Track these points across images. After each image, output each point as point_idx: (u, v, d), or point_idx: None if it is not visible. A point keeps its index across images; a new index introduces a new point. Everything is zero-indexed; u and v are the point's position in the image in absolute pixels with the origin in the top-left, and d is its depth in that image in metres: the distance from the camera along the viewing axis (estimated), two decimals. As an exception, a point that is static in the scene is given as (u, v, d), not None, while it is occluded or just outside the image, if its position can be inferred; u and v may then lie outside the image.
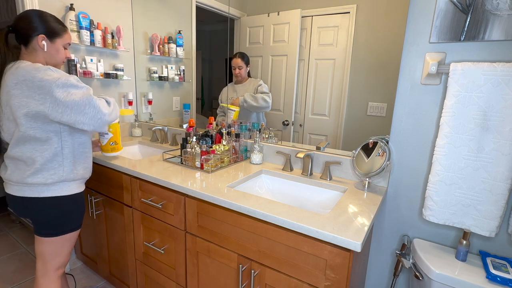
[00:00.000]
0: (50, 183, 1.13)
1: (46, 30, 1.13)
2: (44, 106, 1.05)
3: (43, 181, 1.12)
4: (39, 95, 1.04)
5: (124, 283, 1.63)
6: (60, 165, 1.15)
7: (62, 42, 1.19)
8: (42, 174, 1.12)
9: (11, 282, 1.79)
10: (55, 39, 1.16)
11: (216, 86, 1.95)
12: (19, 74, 1.05)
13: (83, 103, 1.08)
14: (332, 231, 0.85)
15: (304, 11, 1.43)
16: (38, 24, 1.12)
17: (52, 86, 1.04)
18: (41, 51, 1.14)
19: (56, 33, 1.16)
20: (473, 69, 0.95)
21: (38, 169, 1.11)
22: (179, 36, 2.00)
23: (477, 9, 0.97)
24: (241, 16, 1.65)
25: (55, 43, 1.16)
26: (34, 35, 1.12)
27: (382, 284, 1.34)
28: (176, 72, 2.09)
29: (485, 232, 0.99)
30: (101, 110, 1.12)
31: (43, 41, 1.13)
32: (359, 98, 1.32)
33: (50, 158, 1.12)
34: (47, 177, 1.12)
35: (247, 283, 1.08)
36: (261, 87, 1.67)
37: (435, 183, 1.05)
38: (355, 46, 1.30)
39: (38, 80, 1.04)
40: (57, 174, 1.14)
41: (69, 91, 1.07)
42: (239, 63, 1.71)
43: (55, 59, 1.19)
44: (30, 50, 1.13)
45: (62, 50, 1.20)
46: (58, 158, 1.14)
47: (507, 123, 0.92)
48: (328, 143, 1.44)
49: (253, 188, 1.36)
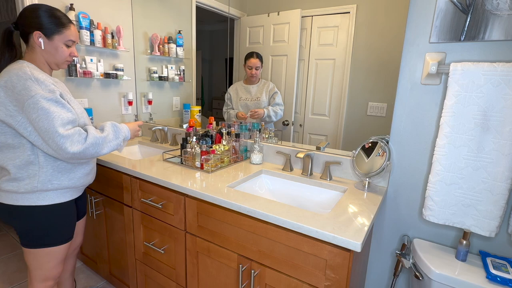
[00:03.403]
0: (23, 192, 1.04)
1: (41, 26, 1.03)
2: (13, 119, 0.97)
3: (15, 190, 1.03)
4: (13, 106, 0.96)
5: (124, 283, 1.63)
6: (35, 175, 1.04)
7: (62, 39, 1.08)
8: (16, 182, 1.03)
9: (11, 282, 1.79)
10: (53, 36, 1.06)
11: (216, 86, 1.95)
12: (4, 77, 0.98)
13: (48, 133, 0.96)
14: (332, 231, 0.85)
15: (304, 11, 1.43)
16: (33, 20, 1.03)
17: (26, 102, 0.95)
18: (39, 49, 1.06)
19: (52, 29, 1.05)
20: (473, 69, 0.95)
21: (11, 178, 1.03)
22: (179, 36, 2.00)
23: (477, 9, 0.97)
24: (241, 16, 1.65)
25: (53, 41, 1.06)
26: (30, 31, 1.03)
27: (382, 284, 1.34)
28: (176, 72, 2.09)
29: (485, 232, 0.99)
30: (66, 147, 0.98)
31: (40, 38, 1.04)
32: (359, 98, 1.32)
33: (23, 166, 1.03)
34: (20, 186, 1.03)
35: (247, 283, 1.08)
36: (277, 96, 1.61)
37: (435, 183, 1.05)
38: (355, 46, 1.30)
39: (17, 91, 0.95)
40: (31, 184, 1.04)
41: (39, 114, 0.95)
42: (257, 63, 1.66)
43: (55, 58, 1.09)
44: (30, 48, 1.06)
45: (62, 48, 1.09)
46: (33, 167, 1.04)
47: (507, 123, 0.92)
48: (328, 143, 1.44)
49: (253, 188, 1.36)
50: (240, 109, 1.77)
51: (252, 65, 1.67)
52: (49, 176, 1.06)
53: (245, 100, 1.75)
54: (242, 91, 1.76)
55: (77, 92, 1.80)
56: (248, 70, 1.69)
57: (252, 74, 1.68)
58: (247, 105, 1.75)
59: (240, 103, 1.77)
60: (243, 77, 1.75)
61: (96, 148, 1.07)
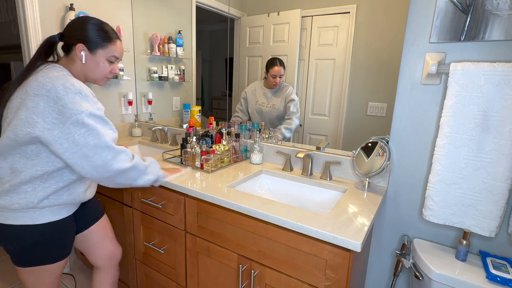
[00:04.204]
0: (16, 209, 0.93)
1: (86, 39, 0.98)
2: (50, 134, 0.88)
3: (7, 205, 0.92)
4: (53, 119, 0.88)
5: (124, 283, 1.63)
6: (34, 189, 0.94)
7: (105, 54, 1.02)
8: (9, 196, 0.92)
9: (11, 282, 1.79)
10: (96, 50, 1.00)
11: (216, 86, 1.95)
12: (46, 86, 0.88)
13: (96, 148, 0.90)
14: (332, 231, 0.85)
15: (304, 11, 1.43)
16: (79, 32, 0.98)
17: (74, 117, 0.88)
18: (80, 63, 1.00)
19: (97, 43, 0.99)
20: (473, 69, 0.95)
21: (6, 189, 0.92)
22: (179, 36, 2.00)
23: (477, 9, 0.97)
24: (241, 16, 1.65)
25: (95, 55, 1.00)
26: (72, 43, 0.98)
27: (382, 284, 1.34)
28: (176, 72, 2.09)
29: (485, 232, 0.99)
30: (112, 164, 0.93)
31: (82, 51, 0.98)
32: (359, 98, 1.32)
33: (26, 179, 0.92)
34: (13, 201, 0.92)
35: (247, 283, 1.08)
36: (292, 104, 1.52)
37: (435, 183, 1.05)
38: (355, 46, 1.30)
39: (63, 103, 0.88)
40: (26, 199, 0.93)
41: (89, 129, 0.89)
42: (281, 71, 1.55)
43: (94, 74, 1.03)
44: (69, 59, 1.00)
45: (104, 64, 1.02)
46: (34, 181, 0.94)
47: (507, 123, 0.92)
48: (328, 143, 1.44)
49: (253, 188, 1.36)
50: (255, 113, 1.69)
51: (276, 73, 1.57)
52: (48, 192, 0.96)
53: (261, 105, 1.66)
54: (260, 94, 1.65)
55: (77, 92, 1.80)
56: (272, 79, 1.59)
57: (276, 83, 1.59)
58: (261, 110, 1.67)
59: (255, 107, 1.68)
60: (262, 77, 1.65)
61: (135, 173, 1.01)
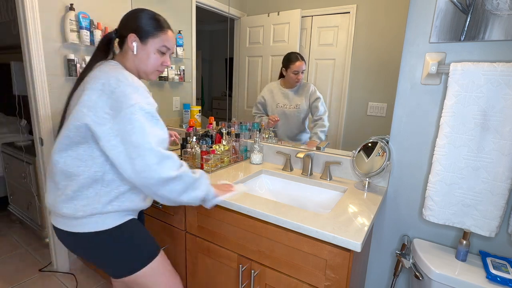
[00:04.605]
0: (81, 216, 0.88)
1: (137, 28, 0.93)
2: (101, 128, 0.82)
3: (72, 213, 0.87)
4: (105, 114, 0.83)
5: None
6: (96, 194, 0.88)
7: (156, 44, 0.95)
8: (73, 203, 0.88)
9: (11, 282, 1.79)
10: (147, 40, 0.94)
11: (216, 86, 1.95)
12: (100, 79, 0.85)
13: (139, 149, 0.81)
14: (332, 231, 0.85)
15: (304, 11, 1.43)
16: (131, 22, 0.94)
17: (124, 111, 0.81)
18: (131, 54, 0.94)
19: (148, 31, 0.93)
20: (473, 69, 0.95)
21: (70, 196, 0.88)
22: (179, 36, 2.00)
23: (477, 9, 0.97)
24: (241, 16, 1.65)
25: (146, 45, 0.94)
26: (124, 35, 0.94)
27: (382, 284, 1.34)
28: (176, 72, 2.08)
29: (485, 232, 0.99)
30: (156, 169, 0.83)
31: (134, 41, 0.93)
32: (359, 98, 1.32)
33: (85, 184, 0.87)
34: (77, 207, 0.87)
35: (247, 283, 1.08)
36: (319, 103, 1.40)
37: (435, 183, 1.05)
38: (355, 46, 1.30)
39: (115, 97, 0.83)
40: (90, 205, 0.88)
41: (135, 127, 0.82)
42: (303, 66, 1.44)
43: (146, 66, 0.96)
44: (123, 53, 0.97)
45: (155, 55, 0.96)
46: (95, 186, 0.88)
47: (507, 123, 0.92)
48: (328, 143, 1.44)
49: (253, 188, 1.36)
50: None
51: (298, 69, 1.45)
52: (111, 196, 0.90)
53: (283, 107, 1.53)
54: (279, 95, 1.52)
55: (77, 92, 1.80)
56: (294, 75, 1.46)
57: (299, 79, 1.47)
58: (284, 113, 1.55)
59: (277, 111, 1.56)
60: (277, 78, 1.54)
61: (181, 186, 0.88)
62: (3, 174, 2.51)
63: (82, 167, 0.87)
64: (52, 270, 1.89)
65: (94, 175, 0.87)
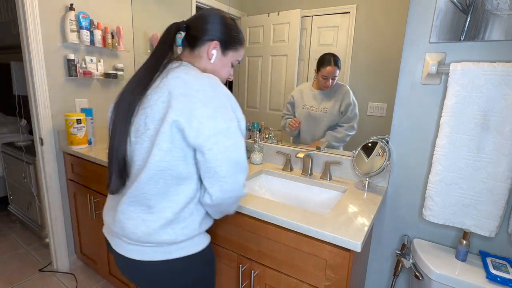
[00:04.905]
0: (181, 241, 0.80)
1: (223, 37, 0.86)
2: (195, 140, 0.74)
3: (173, 239, 0.78)
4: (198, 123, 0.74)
5: (124, 283, 1.63)
6: (191, 214, 0.81)
7: (234, 57, 0.91)
8: (171, 227, 0.78)
9: (11, 282, 1.79)
10: (228, 51, 0.89)
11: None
12: (191, 84, 0.75)
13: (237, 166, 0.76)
14: (332, 231, 0.85)
15: (304, 11, 1.43)
16: (215, 27, 0.86)
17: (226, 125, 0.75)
18: (206, 62, 0.87)
19: (232, 44, 0.89)
20: (473, 69, 0.95)
21: (169, 220, 0.78)
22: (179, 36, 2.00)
23: (477, 9, 0.97)
24: (241, 16, 1.65)
25: (226, 56, 0.89)
26: (205, 39, 0.86)
27: (382, 284, 1.34)
28: (176, 72, 2.08)
29: (485, 232, 0.99)
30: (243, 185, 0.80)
31: (215, 49, 0.86)
32: (359, 98, 1.32)
33: (185, 204, 0.79)
34: (178, 233, 0.79)
35: (247, 283, 1.08)
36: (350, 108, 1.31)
37: (435, 183, 1.05)
38: (355, 46, 1.30)
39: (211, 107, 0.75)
40: (189, 227, 0.80)
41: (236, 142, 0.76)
42: (334, 72, 1.33)
43: (218, 75, 0.89)
44: (194, 55, 0.88)
45: (229, 67, 0.92)
46: (191, 206, 0.81)
47: (507, 123, 0.92)
48: (328, 142, 1.44)
49: (253, 188, 1.36)
50: (301, 118, 1.49)
51: (327, 74, 1.34)
52: (202, 214, 0.84)
53: (309, 109, 1.44)
54: (308, 96, 1.43)
55: (77, 92, 1.80)
56: (323, 80, 1.37)
57: (327, 85, 1.37)
58: (309, 115, 1.45)
59: (302, 112, 1.46)
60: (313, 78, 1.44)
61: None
62: (3, 174, 2.51)
63: (181, 185, 0.79)
64: (52, 270, 1.89)
65: (191, 192, 0.80)
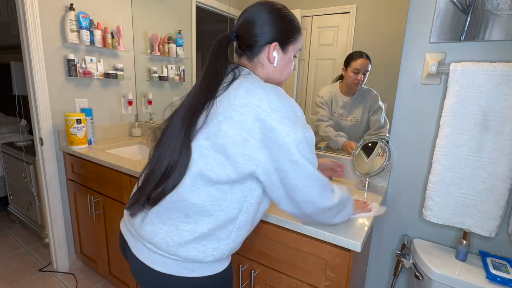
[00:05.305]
0: (209, 261, 0.72)
1: (279, 35, 0.74)
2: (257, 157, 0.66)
3: (200, 257, 0.70)
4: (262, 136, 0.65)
5: (124, 283, 1.63)
6: (227, 237, 0.72)
7: (295, 49, 0.79)
8: (202, 244, 0.70)
9: (11, 282, 1.79)
10: (288, 47, 0.77)
11: (216, 86, 1.94)
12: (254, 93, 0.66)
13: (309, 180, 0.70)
14: (332, 231, 0.85)
15: (304, 11, 1.43)
16: (267, 28, 0.73)
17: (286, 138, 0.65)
18: (269, 67, 0.76)
19: (291, 37, 0.76)
20: (473, 69, 0.95)
21: (203, 234, 0.69)
22: (179, 36, 2.00)
23: (477, 9, 0.97)
24: (241, 16, 1.65)
25: (287, 52, 0.77)
26: (260, 44, 0.74)
27: (382, 284, 1.34)
28: (176, 72, 2.08)
29: (485, 232, 0.99)
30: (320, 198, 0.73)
31: (275, 51, 0.75)
32: (359, 98, 1.32)
33: (223, 223, 0.70)
34: (207, 251, 0.70)
35: (247, 283, 1.08)
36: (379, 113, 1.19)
37: (435, 183, 1.05)
38: (355, 46, 1.30)
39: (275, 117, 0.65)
40: (220, 249, 0.72)
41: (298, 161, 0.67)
42: (367, 66, 1.21)
43: (281, 75, 0.79)
44: (254, 64, 0.77)
45: (292, 62, 0.80)
46: (228, 227, 0.71)
47: (507, 123, 0.92)
48: (328, 143, 1.44)
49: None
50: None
51: (360, 67, 1.21)
52: (239, 240, 0.75)
53: (338, 118, 1.31)
54: (338, 102, 1.30)
55: (77, 92, 1.80)
56: (353, 74, 1.23)
57: (358, 80, 1.23)
58: (339, 124, 1.33)
59: (332, 120, 1.35)
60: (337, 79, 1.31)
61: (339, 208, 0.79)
62: (3, 174, 2.51)
63: (223, 201, 0.69)
64: (52, 270, 1.89)
65: (232, 211, 0.70)
